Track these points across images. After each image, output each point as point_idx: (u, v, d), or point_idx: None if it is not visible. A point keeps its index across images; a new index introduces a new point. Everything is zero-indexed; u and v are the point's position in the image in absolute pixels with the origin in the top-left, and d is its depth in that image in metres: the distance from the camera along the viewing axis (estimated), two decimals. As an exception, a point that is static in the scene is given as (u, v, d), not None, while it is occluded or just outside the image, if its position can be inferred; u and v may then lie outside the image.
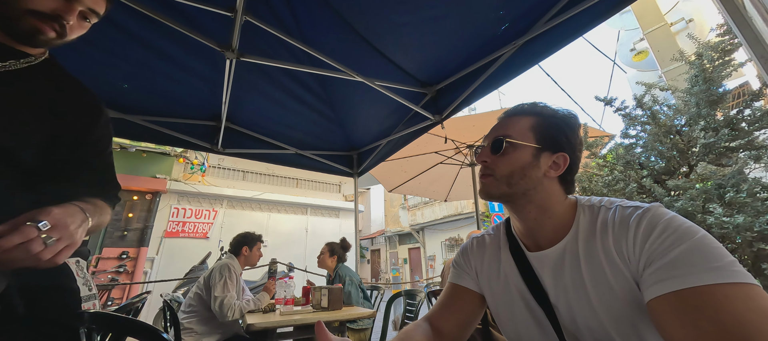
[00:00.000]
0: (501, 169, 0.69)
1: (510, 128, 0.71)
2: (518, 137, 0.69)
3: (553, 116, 0.71)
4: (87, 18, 0.69)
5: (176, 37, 1.80)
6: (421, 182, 4.82)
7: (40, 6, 0.61)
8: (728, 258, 0.47)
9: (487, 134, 0.76)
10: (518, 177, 0.67)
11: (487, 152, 0.71)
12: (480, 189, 0.73)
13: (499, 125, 0.74)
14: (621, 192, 3.04)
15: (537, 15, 1.64)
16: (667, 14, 8.00)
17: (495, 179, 0.69)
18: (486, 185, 0.71)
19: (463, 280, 0.83)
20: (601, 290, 0.59)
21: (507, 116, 0.74)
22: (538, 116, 0.71)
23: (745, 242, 2.27)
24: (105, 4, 0.71)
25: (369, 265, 18.95)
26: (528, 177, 0.67)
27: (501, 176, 0.69)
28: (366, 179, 6.82)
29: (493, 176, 0.70)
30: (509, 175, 0.68)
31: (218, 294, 2.07)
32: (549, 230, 0.68)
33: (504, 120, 0.74)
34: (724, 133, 2.58)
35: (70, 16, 0.64)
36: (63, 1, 0.63)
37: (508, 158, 0.68)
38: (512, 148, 0.68)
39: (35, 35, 0.64)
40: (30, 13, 0.61)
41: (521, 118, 0.71)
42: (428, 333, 0.75)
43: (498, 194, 0.70)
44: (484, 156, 0.71)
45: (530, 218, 0.69)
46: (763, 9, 1.70)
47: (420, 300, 2.29)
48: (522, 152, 0.68)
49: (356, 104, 2.63)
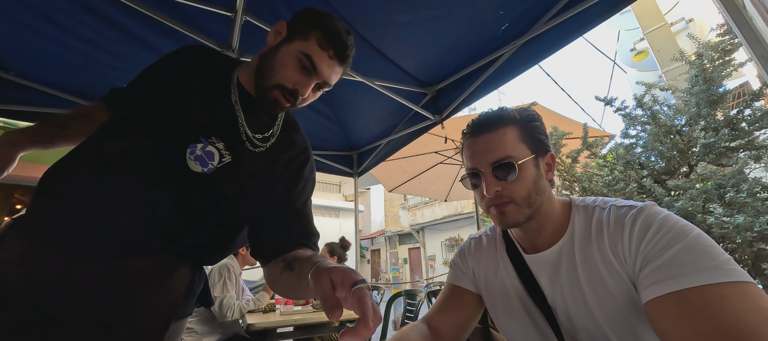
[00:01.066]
0: (519, 193, 0.64)
1: (505, 146, 0.65)
2: (519, 154, 0.65)
3: (528, 119, 0.69)
4: (320, 88, 0.75)
5: (176, 37, 1.80)
6: (421, 182, 4.82)
7: (285, 82, 0.69)
8: (723, 256, 0.47)
9: (474, 160, 0.68)
10: (535, 194, 0.65)
11: (493, 180, 0.65)
12: (499, 221, 0.67)
13: (489, 148, 0.66)
14: (621, 192, 3.04)
15: (537, 15, 1.64)
16: (667, 14, 8.00)
17: (516, 205, 0.64)
18: (508, 214, 0.65)
19: (460, 281, 0.83)
20: (598, 291, 0.59)
21: (488, 132, 0.67)
22: (517, 123, 0.68)
23: (745, 242, 2.27)
24: (339, 78, 0.77)
25: (369, 265, 18.95)
26: (541, 190, 0.65)
27: (522, 200, 0.64)
28: (366, 179, 6.82)
29: (513, 202, 0.64)
30: (528, 196, 0.64)
31: (217, 295, 2.07)
32: (547, 233, 0.68)
33: (490, 139, 0.67)
34: (725, 133, 2.58)
35: (307, 91, 0.71)
36: (304, 76, 0.70)
37: (521, 180, 0.64)
38: (520, 167, 0.64)
39: (275, 106, 0.72)
40: (276, 86, 0.70)
41: (506, 131, 0.67)
42: (425, 333, 0.75)
43: (524, 220, 0.65)
44: (494, 186, 0.64)
45: (535, 226, 0.68)
46: (763, 9, 1.70)
47: (420, 300, 2.29)
48: (528, 167, 0.65)
49: (356, 104, 2.63)
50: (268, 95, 0.70)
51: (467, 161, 0.71)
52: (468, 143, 0.71)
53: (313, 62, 0.68)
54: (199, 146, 0.65)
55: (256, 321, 1.93)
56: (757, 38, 0.99)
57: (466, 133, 0.73)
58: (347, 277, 0.44)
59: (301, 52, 0.68)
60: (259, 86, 0.71)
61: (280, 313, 2.21)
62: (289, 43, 0.70)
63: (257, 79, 0.71)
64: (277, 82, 0.69)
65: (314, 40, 0.69)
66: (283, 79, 0.69)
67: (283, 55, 0.69)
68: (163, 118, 0.66)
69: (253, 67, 0.74)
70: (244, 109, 0.72)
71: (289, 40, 0.70)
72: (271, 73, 0.69)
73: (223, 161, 0.67)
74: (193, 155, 0.65)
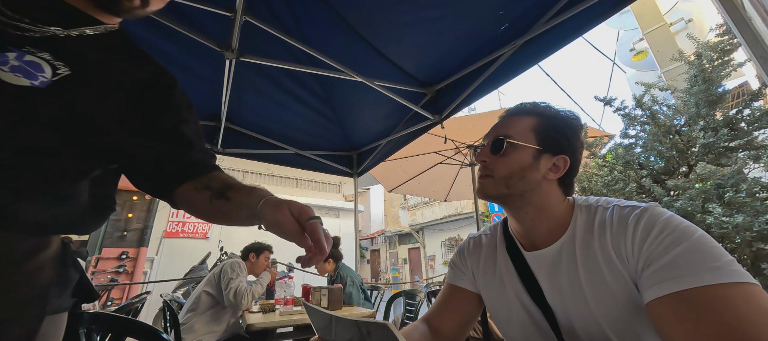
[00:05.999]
0: (500, 170, 0.68)
1: (511, 127, 0.69)
2: (519, 137, 0.68)
3: (554, 116, 0.70)
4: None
5: (175, 37, 1.80)
6: (420, 182, 4.82)
7: None
8: (727, 257, 0.47)
9: (487, 132, 0.74)
10: (517, 179, 0.66)
11: (486, 151, 0.70)
12: (478, 189, 0.73)
13: (500, 125, 0.72)
14: (620, 192, 3.04)
15: (536, 15, 1.64)
16: (666, 14, 8.01)
17: (493, 179, 0.69)
18: (484, 186, 0.70)
19: (459, 280, 0.82)
20: (598, 291, 0.59)
21: (508, 115, 0.73)
22: (539, 116, 0.70)
23: (745, 242, 2.28)
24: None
25: (369, 265, 18.95)
26: (527, 179, 0.66)
27: (499, 177, 0.68)
28: (366, 179, 6.82)
29: (491, 176, 0.69)
30: (508, 176, 0.67)
31: (233, 285, 2.12)
32: (546, 230, 0.67)
33: (505, 119, 0.72)
34: (724, 133, 2.58)
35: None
36: None
37: (508, 159, 0.67)
38: (512, 148, 0.67)
39: (119, 1, 0.58)
40: None
41: (523, 118, 0.70)
42: (426, 333, 0.75)
43: (495, 195, 0.69)
44: (483, 156, 0.70)
45: (527, 219, 0.69)
46: (762, 9, 1.71)
47: (420, 300, 2.29)
48: (522, 153, 0.67)
49: (356, 104, 2.63)
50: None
51: None
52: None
53: None
54: (11, 55, 0.48)
55: (256, 321, 1.93)
56: (756, 38, 1.00)
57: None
58: (304, 212, 0.49)
59: None
60: None
61: (279, 313, 2.21)
62: None
63: None
64: None
65: None
66: None
67: None
68: None
69: None
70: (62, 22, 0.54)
71: None
72: None
73: (58, 73, 0.51)
74: (7, 65, 0.47)
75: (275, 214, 0.49)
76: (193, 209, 0.63)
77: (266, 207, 0.51)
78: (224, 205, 0.58)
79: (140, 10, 0.60)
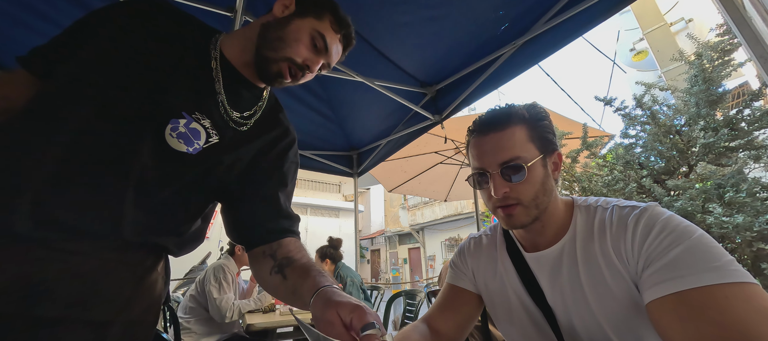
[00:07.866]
0: (526, 194, 0.62)
1: (514, 147, 0.63)
2: (527, 154, 0.63)
3: (537, 117, 0.67)
4: (321, 69, 0.73)
5: (176, 37, 1.79)
6: (420, 182, 4.82)
7: (296, 56, 0.66)
8: (727, 257, 0.47)
9: (480, 160, 0.66)
10: (542, 195, 0.63)
11: (502, 181, 0.63)
12: (506, 222, 0.65)
13: (498, 148, 0.64)
14: (621, 192, 3.04)
15: (537, 15, 1.64)
16: (666, 14, 8.01)
17: (524, 206, 0.63)
18: (516, 216, 0.63)
19: (460, 281, 0.82)
20: (599, 291, 0.59)
21: (496, 131, 0.65)
22: (526, 122, 0.66)
23: (745, 242, 2.28)
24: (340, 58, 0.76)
25: (369, 265, 18.95)
26: (548, 190, 0.64)
27: (529, 202, 0.63)
28: (366, 179, 6.81)
29: (520, 204, 0.63)
30: (535, 197, 0.63)
31: (216, 297, 2.06)
32: (549, 232, 0.67)
33: (499, 139, 0.65)
34: (724, 133, 2.58)
35: (315, 69, 0.69)
36: (314, 54, 0.68)
37: (530, 181, 0.62)
38: (528, 169, 0.62)
39: (278, 79, 0.68)
40: (285, 59, 0.66)
41: (514, 130, 0.65)
42: (426, 334, 0.75)
43: (530, 222, 0.64)
44: (502, 187, 0.63)
45: (538, 225, 0.66)
46: (762, 9, 1.70)
47: (420, 300, 2.29)
48: (536, 168, 0.63)
49: (356, 104, 2.63)
50: (271, 66, 0.66)
51: (474, 161, 0.68)
52: (475, 142, 0.68)
53: (326, 42, 0.68)
54: (182, 121, 0.58)
55: (256, 321, 1.94)
56: (757, 38, 0.99)
57: (473, 131, 0.70)
58: (358, 318, 0.42)
59: (316, 30, 0.67)
60: (263, 56, 0.66)
61: (279, 313, 2.21)
62: (301, 18, 0.67)
63: (262, 49, 0.66)
64: (288, 55, 0.66)
65: (328, 21, 0.68)
66: (295, 53, 0.66)
67: (296, 30, 0.66)
68: (129, 89, 0.57)
69: (250, 37, 0.68)
70: (225, 82, 0.66)
71: (302, 16, 0.67)
72: (281, 45, 0.65)
73: (210, 141, 0.61)
74: (176, 132, 0.58)
75: (325, 315, 0.45)
76: (257, 275, 0.69)
77: (317, 304, 0.48)
78: (281, 283, 0.61)
79: (287, 84, 0.71)
